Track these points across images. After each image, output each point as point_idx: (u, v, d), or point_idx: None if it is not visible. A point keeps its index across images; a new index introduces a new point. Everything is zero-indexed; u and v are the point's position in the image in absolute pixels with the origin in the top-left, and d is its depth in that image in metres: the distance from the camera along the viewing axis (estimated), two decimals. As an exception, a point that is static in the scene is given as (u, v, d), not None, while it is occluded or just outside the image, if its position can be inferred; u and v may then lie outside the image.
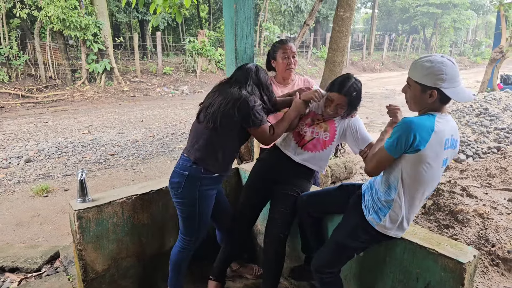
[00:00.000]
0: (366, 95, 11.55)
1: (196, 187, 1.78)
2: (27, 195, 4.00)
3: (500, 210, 3.12)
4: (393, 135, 1.41)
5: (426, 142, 1.36)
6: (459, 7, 25.23)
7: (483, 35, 39.65)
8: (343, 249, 1.63)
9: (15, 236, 3.17)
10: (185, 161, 1.81)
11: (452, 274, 1.44)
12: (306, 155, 1.97)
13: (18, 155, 5.27)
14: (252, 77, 1.83)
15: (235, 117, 1.73)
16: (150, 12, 4.14)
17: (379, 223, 1.55)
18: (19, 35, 10.82)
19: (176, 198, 1.84)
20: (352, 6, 3.76)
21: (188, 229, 1.88)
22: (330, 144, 1.97)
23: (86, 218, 1.85)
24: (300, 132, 1.99)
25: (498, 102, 6.62)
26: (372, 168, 1.52)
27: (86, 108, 9.18)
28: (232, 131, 1.78)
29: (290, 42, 2.32)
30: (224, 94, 1.77)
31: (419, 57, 1.48)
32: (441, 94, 1.38)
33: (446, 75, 1.36)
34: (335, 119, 1.97)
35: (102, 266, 1.95)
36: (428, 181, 1.46)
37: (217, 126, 1.73)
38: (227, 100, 1.73)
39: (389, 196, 1.52)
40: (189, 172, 1.77)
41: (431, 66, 1.37)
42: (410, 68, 1.47)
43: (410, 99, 1.48)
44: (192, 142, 1.83)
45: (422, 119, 1.39)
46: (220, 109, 1.73)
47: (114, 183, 4.40)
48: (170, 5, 3.92)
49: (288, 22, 20.26)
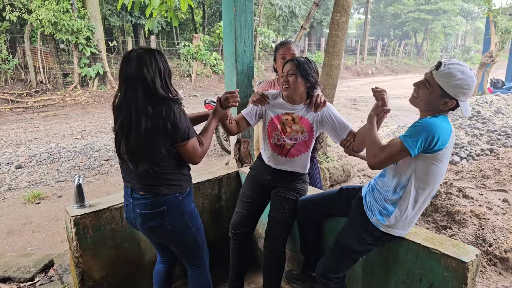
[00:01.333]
0: (360, 99, 11.66)
1: (181, 212, 1.57)
2: (18, 202, 3.90)
3: (495, 210, 3.15)
4: (414, 134, 1.36)
5: (447, 142, 1.39)
6: (449, 13, 25.86)
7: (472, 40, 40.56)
8: (350, 253, 1.61)
9: (6, 245, 3.08)
10: (149, 199, 1.52)
11: (455, 274, 1.45)
12: (292, 162, 1.95)
13: (8, 161, 5.15)
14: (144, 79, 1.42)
15: (157, 140, 1.44)
16: (146, 16, 4.10)
17: (383, 224, 1.54)
18: (9, 39, 10.66)
19: (165, 239, 1.62)
20: (348, 11, 3.80)
21: (196, 253, 1.70)
22: (311, 141, 1.95)
23: (84, 225, 1.80)
24: (278, 143, 1.94)
25: (490, 105, 6.74)
26: (381, 162, 1.45)
27: (78, 113, 9.06)
28: (162, 153, 1.48)
29: (290, 43, 2.31)
30: (131, 126, 1.43)
31: (448, 60, 1.40)
32: (455, 105, 1.41)
33: (470, 91, 1.38)
34: (307, 116, 1.88)
35: (100, 274, 1.91)
36: (438, 178, 1.48)
37: (141, 158, 1.45)
38: (139, 129, 1.41)
39: (397, 195, 1.51)
40: (166, 206, 1.53)
41: (462, 79, 1.35)
42: (439, 70, 1.37)
43: (424, 97, 1.43)
44: (135, 178, 1.52)
45: (441, 121, 1.40)
46: (134, 144, 1.44)
47: (109, 188, 4.33)
48: (166, 9, 3.91)
49: (283, 26, 20.41)
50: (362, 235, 1.58)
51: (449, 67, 1.36)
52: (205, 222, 2.31)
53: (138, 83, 1.42)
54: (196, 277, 1.75)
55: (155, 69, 1.43)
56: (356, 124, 8.39)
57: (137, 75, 1.41)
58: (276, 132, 1.94)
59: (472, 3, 28.40)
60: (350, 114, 9.48)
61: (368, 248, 1.61)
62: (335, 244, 1.67)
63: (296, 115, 1.91)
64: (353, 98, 11.82)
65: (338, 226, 1.86)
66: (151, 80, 1.42)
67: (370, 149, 1.51)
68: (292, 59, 1.86)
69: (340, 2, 3.77)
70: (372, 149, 1.49)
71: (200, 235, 1.70)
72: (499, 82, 10.57)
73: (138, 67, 1.41)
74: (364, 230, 1.58)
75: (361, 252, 1.62)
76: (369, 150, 1.52)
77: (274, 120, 1.95)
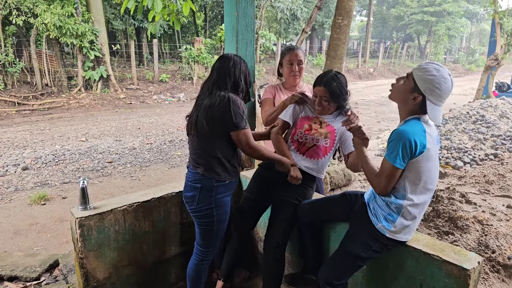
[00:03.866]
0: (362, 102, 11.63)
1: (211, 197, 1.76)
2: (24, 203, 3.95)
3: (499, 216, 3.13)
4: (393, 149, 1.42)
5: (425, 144, 1.41)
6: (453, 15, 25.67)
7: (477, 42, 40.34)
8: (355, 260, 1.62)
9: (13, 245, 3.13)
10: (194, 174, 1.79)
11: (457, 281, 1.44)
12: (308, 162, 1.97)
13: (15, 163, 5.21)
14: (232, 73, 1.75)
15: (216, 120, 1.68)
16: (148, 19, 4.14)
17: (389, 230, 1.55)
18: (15, 42, 10.79)
19: (192, 212, 1.82)
20: (350, 14, 3.82)
21: (207, 241, 1.85)
22: (331, 150, 1.99)
23: (88, 226, 1.83)
24: (300, 140, 2.00)
25: (495, 109, 6.69)
26: (385, 188, 1.50)
27: (82, 116, 9.14)
28: (217, 135, 1.74)
29: (297, 49, 2.35)
30: (204, 100, 1.74)
31: (424, 62, 1.50)
32: (423, 103, 1.43)
33: (439, 90, 1.40)
34: (334, 124, 1.97)
35: (103, 274, 1.93)
36: (431, 179, 1.50)
37: (200, 132, 1.72)
38: (206, 105, 1.70)
39: (399, 201, 1.52)
40: (201, 184, 1.75)
41: (435, 76, 1.40)
42: (420, 66, 1.47)
43: (397, 88, 1.52)
44: (192, 155, 1.83)
45: (411, 126, 1.44)
46: (200, 116, 1.71)
47: (112, 190, 4.37)
48: (169, 13, 3.95)
49: (284, 29, 20.44)
50: (368, 241, 1.58)
51: (427, 64, 1.45)
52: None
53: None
54: (194, 265, 1.89)
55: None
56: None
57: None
58: (301, 130, 2.01)
59: (477, 4, 28.25)
60: (353, 117, 9.45)
61: (373, 255, 1.61)
62: (340, 250, 1.67)
63: (324, 120, 1.99)
64: (355, 102, 11.79)
65: (339, 231, 1.87)
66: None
67: (370, 180, 1.57)
68: (325, 84, 1.87)
69: (342, 5, 3.79)
70: (372, 180, 1.56)
71: (219, 229, 1.81)
72: (504, 86, 10.48)
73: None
74: (370, 237, 1.58)
75: (366, 259, 1.62)
76: (370, 181, 1.58)
77: (303, 119, 2.02)
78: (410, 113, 1.49)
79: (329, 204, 1.88)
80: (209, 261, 1.91)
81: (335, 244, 1.78)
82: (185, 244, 2.23)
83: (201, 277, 1.91)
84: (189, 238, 2.17)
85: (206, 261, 1.89)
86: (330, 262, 1.70)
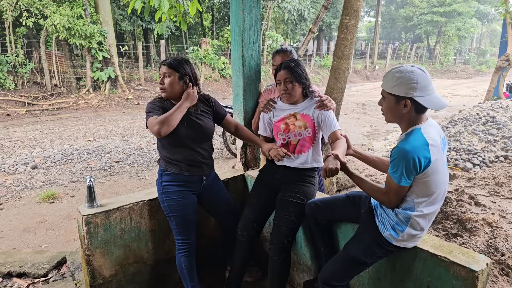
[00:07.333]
0: (370, 104, 11.55)
1: (160, 183, 1.92)
2: (33, 201, 4.01)
3: (509, 219, 3.07)
4: (397, 168, 1.39)
5: (430, 157, 1.37)
6: (464, 15, 25.27)
7: (488, 43, 39.72)
8: (358, 265, 1.60)
9: (22, 242, 3.18)
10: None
11: (465, 283, 1.42)
12: (300, 159, 1.99)
13: (25, 162, 5.30)
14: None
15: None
16: (155, 20, 4.18)
17: (397, 239, 1.52)
18: (25, 44, 10.99)
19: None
20: (358, 14, 3.78)
21: (175, 231, 1.94)
22: (315, 136, 2.00)
23: (94, 224, 1.85)
24: (284, 141, 2.01)
25: (505, 111, 6.57)
26: (396, 202, 1.48)
27: (91, 116, 9.25)
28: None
29: (287, 51, 2.31)
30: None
31: (384, 74, 1.48)
32: (415, 104, 1.39)
33: (417, 84, 1.37)
34: (308, 112, 1.98)
35: (110, 272, 1.95)
36: (440, 189, 1.46)
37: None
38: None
39: (408, 212, 1.48)
40: (158, 172, 1.98)
41: (401, 76, 1.39)
42: (383, 80, 1.47)
43: (386, 110, 1.49)
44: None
45: (412, 141, 1.38)
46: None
47: (119, 189, 4.41)
48: (176, 14, 3.98)
49: (291, 30, 20.43)
50: (373, 248, 1.56)
51: (387, 74, 1.45)
52: (212, 224, 2.34)
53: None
54: (176, 256, 1.96)
55: None
56: (365, 129, 8.33)
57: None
58: (280, 132, 2.01)
59: (488, 4, 27.81)
60: (359, 119, 9.40)
61: (377, 260, 1.60)
62: (344, 253, 1.65)
63: (296, 112, 2.00)
64: (362, 103, 11.71)
65: (344, 231, 1.86)
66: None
67: (377, 198, 1.54)
68: (284, 67, 1.93)
69: (349, 5, 3.76)
70: (379, 198, 1.53)
71: (174, 217, 1.89)
72: (515, 87, 10.31)
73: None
74: (376, 244, 1.56)
75: (370, 264, 1.61)
76: (376, 199, 1.55)
77: (277, 122, 2.03)
78: (410, 123, 1.45)
79: (335, 204, 1.86)
80: (187, 254, 1.93)
81: (342, 245, 1.76)
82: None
83: (183, 269, 1.95)
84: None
85: (181, 252, 1.94)
86: (331, 264, 1.68)
